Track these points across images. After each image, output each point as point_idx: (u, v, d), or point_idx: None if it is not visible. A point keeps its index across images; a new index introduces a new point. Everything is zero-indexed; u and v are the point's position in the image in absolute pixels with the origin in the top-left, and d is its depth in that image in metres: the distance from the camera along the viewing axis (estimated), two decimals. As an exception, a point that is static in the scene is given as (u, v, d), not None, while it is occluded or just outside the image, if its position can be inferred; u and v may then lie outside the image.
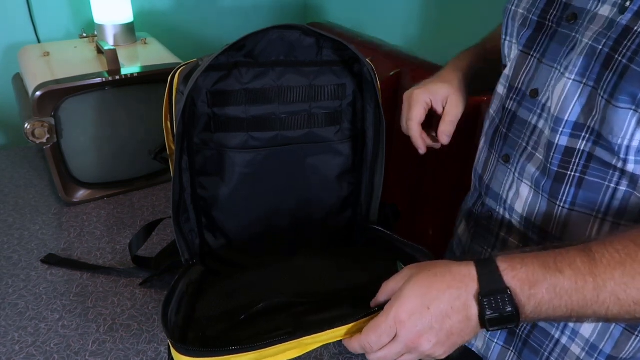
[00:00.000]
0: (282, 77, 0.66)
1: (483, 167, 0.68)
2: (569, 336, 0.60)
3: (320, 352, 0.72)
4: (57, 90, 0.92)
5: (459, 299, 0.46)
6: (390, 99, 1.23)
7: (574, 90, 0.51)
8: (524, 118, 0.59)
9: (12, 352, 0.70)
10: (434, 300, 0.47)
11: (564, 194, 0.55)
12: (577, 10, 0.52)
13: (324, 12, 1.64)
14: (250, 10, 1.59)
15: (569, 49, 0.52)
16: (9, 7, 1.24)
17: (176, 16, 1.47)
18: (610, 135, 0.49)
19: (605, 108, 0.48)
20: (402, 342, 0.48)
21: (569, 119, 0.52)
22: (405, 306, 0.47)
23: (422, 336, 0.47)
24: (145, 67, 1.04)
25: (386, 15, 1.38)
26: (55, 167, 0.97)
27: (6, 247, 0.90)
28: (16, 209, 1.00)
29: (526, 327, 0.64)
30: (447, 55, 1.23)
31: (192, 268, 0.66)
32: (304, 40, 0.64)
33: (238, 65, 0.63)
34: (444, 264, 0.49)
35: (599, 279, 0.43)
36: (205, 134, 0.66)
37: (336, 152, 0.72)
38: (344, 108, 0.71)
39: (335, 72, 0.68)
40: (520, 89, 0.59)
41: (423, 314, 0.47)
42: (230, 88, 0.64)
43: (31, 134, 0.91)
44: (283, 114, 0.67)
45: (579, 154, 0.53)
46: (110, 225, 0.97)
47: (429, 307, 0.47)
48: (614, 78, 0.47)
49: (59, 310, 0.77)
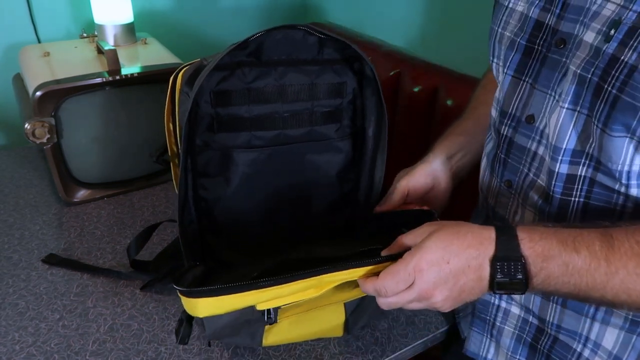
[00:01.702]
0: (285, 76, 0.66)
1: (487, 188, 0.67)
2: (592, 349, 0.59)
3: (320, 352, 0.72)
4: (58, 90, 0.92)
5: (476, 259, 0.48)
6: (390, 99, 1.23)
7: (569, 119, 0.50)
8: (522, 144, 0.58)
9: (13, 352, 0.70)
10: (454, 256, 0.48)
11: (570, 220, 0.55)
12: (565, 36, 0.52)
13: (324, 12, 1.64)
14: (251, 10, 1.59)
15: (561, 74, 0.52)
16: (9, 7, 1.24)
17: (176, 16, 1.47)
18: (609, 162, 0.48)
19: (600, 136, 0.47)
20: (417, 290, 0.49)
21: (567, 147, 0.51)
22: (426, 256, 0.49)
23: (436, 288, 0.49)
24: (145, 67, 1.04)
25: (386, 15, 1.38)
26: (56, 167, 0.97)
27: (6, 247, 0.90)
28: (16, 209, 1.00)
29: (547, 342, 0.63)
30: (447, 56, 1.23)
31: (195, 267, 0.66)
32: (307, 39, 0.64)
33: (241, 64, 0.63)
34: (466, 224, 0.51)
35: (613, 265, 0.44)
36: (207, 134, 0.66)
37: (336, 149, 0.73)
38: (345, 106, 0.71)
39: (336, 70, 0.68)
40: (515, 115, 0.58)
41: (442, 266, 0.48)
42: (233, 87, 0.64)
43: (31, 134, 0.91)
44: (285, 113, 0.68)
45: (580, 180, 0.52)
46: (110, 225, 0.97)
47: (448, 262, 0.48)
48: (605, 108, 0.46)
49: (59, 310, 0.77)
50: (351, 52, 0.66)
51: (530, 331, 0.65)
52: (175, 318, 0.76)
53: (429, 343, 0.77)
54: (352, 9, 1.51)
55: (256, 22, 1.61)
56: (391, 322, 0.77)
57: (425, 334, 0.76)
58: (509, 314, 0.67)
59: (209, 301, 0.54)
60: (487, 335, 0.71)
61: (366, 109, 0.70)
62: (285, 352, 0.71)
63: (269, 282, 0.53)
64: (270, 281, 0.53)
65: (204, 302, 0.54)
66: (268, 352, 0.71)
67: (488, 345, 0.71)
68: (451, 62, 1.13)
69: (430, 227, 0.52)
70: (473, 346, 0.73)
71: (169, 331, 0.74)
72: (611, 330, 0.57)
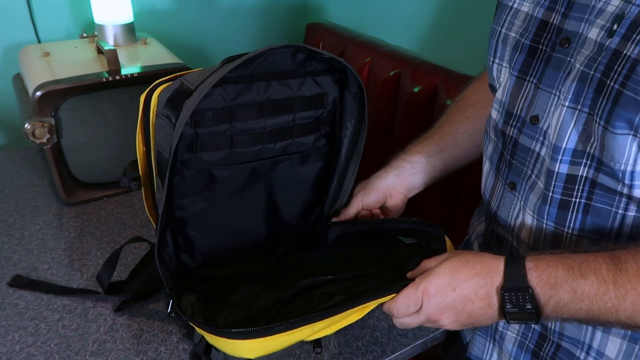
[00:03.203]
0: (267, 91, 0.64)
1: (490, 193, 0.67)
2: (595, 357, 0.58)
3: (320, 352, 0.72)
4: (57, 90, 0.92)
5: (483, 288, 0.50)
6: (390, 99, 1.23)
7: (570, 117, 0.50)
8: (527, 145, 0.58)
9: (12, 352, 0.70)
10: (460, 284, 0.50)
11: (571, 220, 0.54)
12: (569, 35, 0.51)
13: (324, 12, 1.64)
14: (251, 10, 1.59)
15: (565, 74, 0.51)
16: (9, 7, 1.24)
17: (176, 16, 1.47)
18: (611, 162, 0.48)
19: (603, 135, 0.47)
20: (425, 314, 0.52)
21: (567, 147, 0.51)
22: (433, 282, 0.51)
23: (443, 312, 0.51)
24: (145, 67, 1.04)
25: (386, 15, 1.38)
26: (56, 167, 0.97)
27: (6, 247, 0.90)
28: (16, 209, 1.00)
29: (550, 349, 0.63)
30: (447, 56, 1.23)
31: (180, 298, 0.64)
32: (296, 56, 0.63)
33: (222, 82, 0.60)
34: (477, 253, 0.53)
35: (622, 288, 0.45)
36: (187, 155, 0.63)
37: (314, 159, 0.73)
38: (325, 115, 0.70)
39: (317, 81, 0.67)
40: (520, 115, 0.58)
41: (448, 293, 0.51)
42: (215, 106, 0.61)
43: (31, 134, 0.91)
44: (268, 128, 0.66)
45: (581, 181, 0.52)
46: (110, 225, 0.97)
47: (454, 289, 0.50)
48: (608, 104, 0.46)
49: (59, 310, 0.77)
50: (335, 63, 0.64)
51: (533, 338, 0.64)
52: (175, 318, 0.75)
53: (429, 343, 0.77)
54: (352, 9, 1.51)
55: (256, 22, 1.61)
56: (391, 322, 0.77)
57: (425, 334, 0.76)
58: None
59: (258, 342, 0.53)
60: (490, 339, 0.70)
61: (345, 117, 0.70)
62: (285, 352, 0.71)
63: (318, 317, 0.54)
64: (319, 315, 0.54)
65: (250, 344, 0.54)
66: (268, 352, 0.71)
67: (491, 350, 0.71)
68: (451, 62, 1.13)
69: (448, 253, 0.55)
70: (477, 350, 0.73)
71: (169, 331, 0.74)
72: (614, 340, 0.56)
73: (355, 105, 0.69)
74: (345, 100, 0.69)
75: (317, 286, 0.60)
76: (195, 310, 0.62)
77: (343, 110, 0.70)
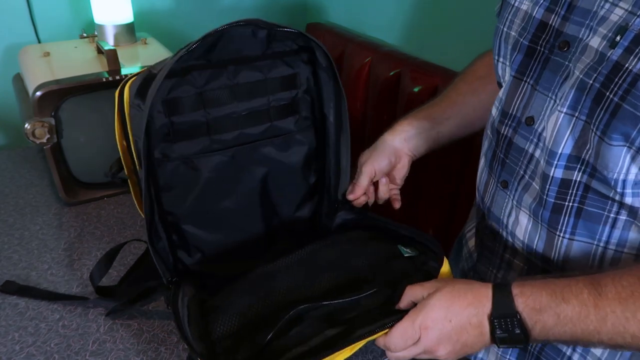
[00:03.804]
0: (237, 75, 0.64)
1: (484, 189, 0.67)
2: (581, 354, 0.59)
3: (320, 352, 0.72)
4: (57, 90, 0.92)
5: (476, 317, 0.51)
6: (390, 99, 1.23)
7: (567, 124, 0.50)
8: (521, 146, 0.58)
9: (13, 352, 0.70)
10: (455, 315, 0.51)
11: (563, 224, 0.55)
12: (569, 39, 0.51)
13: (324, 12, 1.64)
14: (251, 10, 1.59)
15: (562, 78, 0.51)
16: (9, 7, 1.24)
17: (176, 16, 1.47)
18: (605, 171, 0.48)
19: (598, 144, 0.47)
20: (422, 346, 0.53)
21: (563, 152, 0.51)
22: (431, 314, 0.52)
23: (440, 344, 0.52)
24: (145, 67, 1.04)
25: (386, 15, 1.38)
26: (56, 167, 0.97)
27: (6, 247, 0.90)
28: (16, 209, 1.01)
29: (537, 345, 0.63)
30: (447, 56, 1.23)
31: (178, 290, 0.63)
32: (257, 34, 0.63)
33: (191, 69, 0.61)
34: (466, 282, 0.54)
35: (602, 311, 0.46)
36: (164, 145, 0.63)
37: (298, 142, 0.72)
38: (300, 96, 0.70)
39: (287, 62, 0.67)
40: (515, 115, 0.58)
41: (445, 325, 0.52)
42: (186, 94, 0.62)
43: (31, 134, 0.91)
44: (243, 112, 0.67)
45: (575, 185, 0.52)
46: (110, 225, 0.97)
47: (450, 320, 0.51)
48: (605, 116, 0.46)
49: (59, 310, 0.77)
50: (301, 41, 0.65)
51: None
52: (175, 318, 0.76)
53: (429, 343, 0.77)
54: (352, 9, 1.51)
55: (256, 22, 1.61)
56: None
57: (425, 334, 0.76)
58: None
59: None
60: None
61: (323, 95, 0.70)
62: (285, 352, 0.71)
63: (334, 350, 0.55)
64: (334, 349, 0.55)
65: None
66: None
67: None
68: (451, 62, 1.13)
69: (437, 283, 0.55)
70: None
71: (169, 331, 0.74)
72: None
73: (330, 80, 0.69)
74: (320, 78, 0.69)
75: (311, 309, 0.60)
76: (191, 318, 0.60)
77: (320, 89, 0.70)
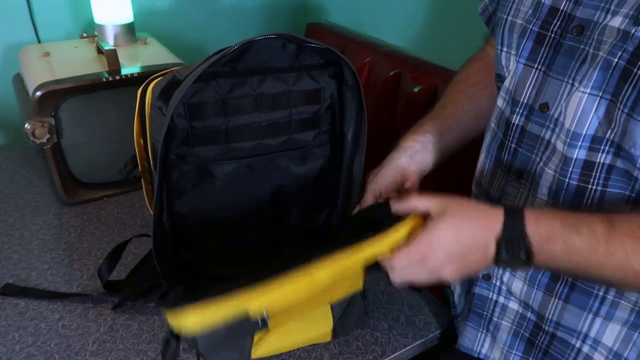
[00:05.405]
0: (261, 85, 0.64)
1: (489, 183, 0.66)
2: (591, 345, 0.59)
3: (320, 352, 0.72)
4: (57, 90, 0.92)
5: (484, 238, 0.51)
6: (390, 99, 1.23)
7: (591, 104, 0.50)
8: (536, 133, 0.58)
9: (13, 351, 0.70)
10: (464, 237, 0.51)
11: (585, 206, 0.55)
12: (583, 22, 0.51)
13: (324, 12, 1.64)
14: (251, 10, 1.59)
15: (579, 62, 0.51)
16: (9, 7, 1.24)
17: (176, 16, 1.47)
18: (632, 148, 0.48)
19: (626, 122, 0.47)
20: (428, 267, 0.53)
21: (586, 133, 0.51)
22: (440, 236, 0.52)
23: (446, 265, 0.52)
24: (145, 67, 1.04)
25: (386, 15, 1.38)
26: (56, 167, 0.97)
27: (6, 247, 0.90)
28: (16, 209, 1.01)
29: (545, 338, 0.63)
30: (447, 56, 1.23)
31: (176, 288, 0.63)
32: (286, 47, 0.63)
33: (216, 75, 0.61)
34: (475, 203, 0.54)
35: (612, 246, 0.47)
36: (182, 148, 0.63)
37: (315, 155, 0.72)
38: (323, 111, 0.70)
39: (313, 76, 0.67)
40: (527, 103, 0.58)
41: (453, 246, 0.52)
42: (208, 99, 0.62)
43: (31, 134, 0.91)
44: (263, 123, 0.66)
45: (599, 167, 0.52)
46: (110, 225, 0.97)
47: (459, 241, 0.51)
48: (634, 92, 0.46)
49: (59, 310, 0.77)
50: (329, 56, 0.64)
51: (527, 327, 0.65)
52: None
53: (429, 343, 0.77)
54: (352, 9, 1.51)
55: (256, 22, 1.61)
56: (391, 322, 0.77)
57: (425, 334, 0.76)
58: (506, 310, 0.67)
59: (198, 313, 0.51)
60: (483, 330, 0.71)
61: (345, 113, 0.69)
62: (285, 352, 0.71)
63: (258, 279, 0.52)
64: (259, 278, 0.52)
65: (193, 316, 0.51)
66: (268, 352, 0.71)
67: (483, 339, 0.71)
68: (451, 62, 1.13)
69: (445, 202, 0.54)
70: (467, 341, 0.73)
71: (169, 331, 0.74)
72: (612, 327, 0.57)
73: (354, 99, 0.68)
74: (344, 94, 0.68)
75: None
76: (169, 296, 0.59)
77: (343, 105, 0.69)
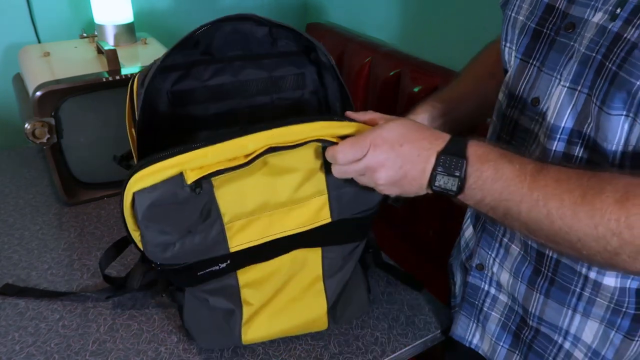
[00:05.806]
0: (241, 72, 0.65)
1: None
2: (571, 342, 0.61)
3: (320, 352, 0.72)
4: (57, 90, 0.92)
5: (427, 150, 0.52)
6: (390, 99, 1.23)
7: (569, 98, 0.52)
8: (527, 126, 0.59)
9: (12, 351, 0.70)
10: (408, 142, 0.53)
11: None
12: (575, 20, 0.52)
13: (324, 12, 1.64)
14: (251, 10, 1.58)
15: (568, 57, 0.53)
16: (9, 7, 1.24)
17: (176, 16, 1.47)
18: (604, 143, 0.49)
19: (598, 115, 0.49)
20: (365, 163, 0.53)
21: (565, 126, 0.53)
22: (385, 134, 0.54)
23: (383, 165, 0.53)
24: (145, 67, 1.04)
25: (386, 15, 1.38)
26: (56, 167, 0.97)
27: (6, 247, 0.90)
28: (16, 209, 1.01)
29: (530, 332, 0.65)
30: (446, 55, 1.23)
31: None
32: (257, 31, 0.64)
33: (196, 63, 0.63)
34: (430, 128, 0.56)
35: (536, 183, 0.48)
36: (167, 136, 0.64)
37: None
38: (307, 97, 0.70)
39: (294, 62, 0.68)
40: (521, 97, 0.59)
41: (394, 147, 0.53)
42: (190, 87, 0.64)
43: (31, 134, 0.91)
44: (246, 108, 0.67)
45: (576, 161, 0.53)
46: (110, 225, 0.97)
47: (402, 145, 0.53)
48: (605, 85, 0.47)
49: (59, 310, 0.77)
50: (305, 41, 0.65)
51: (515, 320, 0.67)
52: (175, 319, 0.76)
53: (429, 343, 0.77)
54: (352, 9, 1.51)
55: (256, 22, 1.61)
56: (391, 322, 0.77)
57: (425, 334, 0.76)
58: (496, 301, 0.69)
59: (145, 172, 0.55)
60: (474, 319, 0.72)
61: (329, 97, 0.70)
62: (285, 352, 0.71)
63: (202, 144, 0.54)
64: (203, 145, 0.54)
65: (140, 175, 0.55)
66: (268, 352, 0.71)
67: (474, 329, 0.73)
68: (451, 62, 1.13)
69: (399, 118, 0.57)
70: (460, 330, 0.74)
71: (169, 331, 0.74)
72: (591, 325, 0.58)
73: (334, 80, 0.69)
74: (325, 79, 0.69)
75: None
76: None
77: (326, 90, 0.70)
